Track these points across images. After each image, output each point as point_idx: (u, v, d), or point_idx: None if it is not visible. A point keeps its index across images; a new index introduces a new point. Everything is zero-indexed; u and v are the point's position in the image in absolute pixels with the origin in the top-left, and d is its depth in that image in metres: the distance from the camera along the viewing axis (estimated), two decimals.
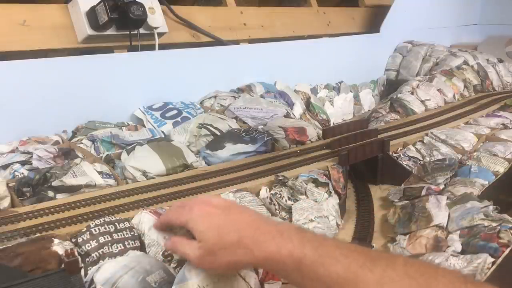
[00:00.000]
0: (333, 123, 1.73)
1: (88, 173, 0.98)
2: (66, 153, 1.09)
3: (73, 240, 0.74)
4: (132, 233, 0.77)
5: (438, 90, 1.94)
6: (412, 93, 1.87)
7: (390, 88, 2.20)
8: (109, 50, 1.47)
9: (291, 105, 1.63)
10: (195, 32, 1.70)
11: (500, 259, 0.78)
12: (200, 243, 0.59)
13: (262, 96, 1.62)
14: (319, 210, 0.97)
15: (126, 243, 0.75)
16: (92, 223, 0.76)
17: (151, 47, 1.52)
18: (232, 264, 0.57)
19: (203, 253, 0.59)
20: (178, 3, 1.69)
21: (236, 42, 1.82)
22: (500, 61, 2.43)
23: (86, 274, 0.68)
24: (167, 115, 1.41)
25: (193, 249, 0.60)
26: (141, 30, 1.47)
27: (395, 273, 0.42)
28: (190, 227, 0.61)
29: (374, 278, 0.42)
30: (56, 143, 1.18)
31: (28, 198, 0.91)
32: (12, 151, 1.11)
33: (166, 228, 0.74)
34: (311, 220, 0.93)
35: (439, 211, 0.96)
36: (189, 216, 0.62)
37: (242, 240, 0.55)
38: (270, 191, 1.00)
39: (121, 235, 0.76)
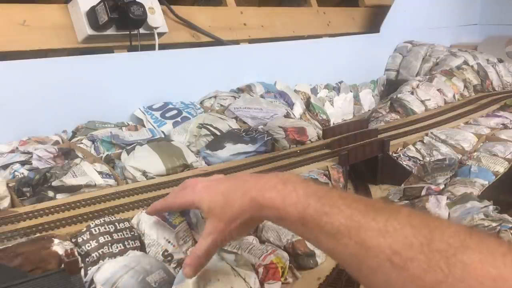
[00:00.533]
0: (333, 123, 1.73)
1: (88, 173, 0.98)
2: (66, 153, 1.09)
3: (73, 240, 0.74)
4: (132, 233, 0.77)
5: (438, 90, 1.94)
6: (412, 93, 1.87)
7: (390, 88, 2.20)
8: (109, 50, 1.47)
9: (291, 105, 1.63)
10: (195, 32, 1.70)
11: None
12: (211, 219, 0.57)
13: (262, 96, 1.62)
14: None
15: (126, 243, 0.75)
16: (92, 223, 0.76)
17: (151, 47, 1.52)
18: (244, 225, 0.56)
19: (218, 226, 0.57)
20: (178, 3, 1.69)
21: (236, 42, 1.82)
22: (500, 61, 2.43)
23: (86, 274, 0.68)
24: (167, 115, 1.41)
25: (208, 234, 0.58)
26: (141, 30, 1.47)
27: (397, 223, 0.41)
28: (197, 206, 0.60)
29: (377, 226, 0.42)
30: (56, 143, 1.18)
31: (28, 198, 0.91)
32: (12, 151, 1.11)
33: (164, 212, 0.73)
34: None
35: (439, 211, 0.96)
36: (193, 196, 0.61)
37: (246, 194, 0.54)
38: None
39: (121, 235, 0.76)
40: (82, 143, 1.19)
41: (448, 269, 0.37)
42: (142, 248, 0.77)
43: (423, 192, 1.06)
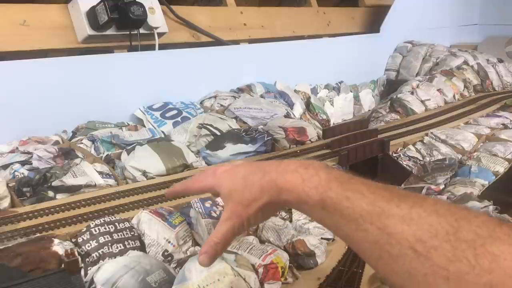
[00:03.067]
0: (333, 123, 1.73)
1: (88, 173, 0.98)
2: (66, 153, 1.09)
3: (73, 240, 0.74)
4: (132, 233, 0.77)
5: (438, 90, 1.94)
6: (412, 93, 1.87)
7: (390, 88, 2.20)
8: (109, 50, 1.47)
9: (291, 105, 1.63)
10: (195, 32, 1.70)
11: None
12: (229, 203, 0.56)
13: (262, 96, 1.62)
14: None
15: (126, 243, 0.75)
16: (92, 223, 0.76)
17: (151, 47, 1.52)
18: (263, 210, 0.54)
19: (236, 210, 0.54)
20: (178, 3, 1.69)
21: (236, 42, 1.82)
22: (500, 61, 2.43)
23: (86, 274, 0.68)
24: (167, 115, 1.41)
25: (226, 219, 0.55)
26: (141, 30, 1.47)
27: (423, 210, 0.39)
28: (217, 190, 0.58)
29: (401, 213, 0.40)
30: (56, 143, 1.18)
31: (28, 198, 0.91)
32: (12, 151, 1.11)
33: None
34: (311, 220, 0.93)
35: None
36: (214, 180, 0.59)
37: (266, 176, 0.52)
38: None
39: (121, 235, 0.76)
40: (82, 143, 1.19)
41: (475, 259, 0.35)
42: (142, 248, 0.77)
43: (423, 192, 1.06)
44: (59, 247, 0.69)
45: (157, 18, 1.50)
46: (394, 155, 1.33)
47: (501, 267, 0.34)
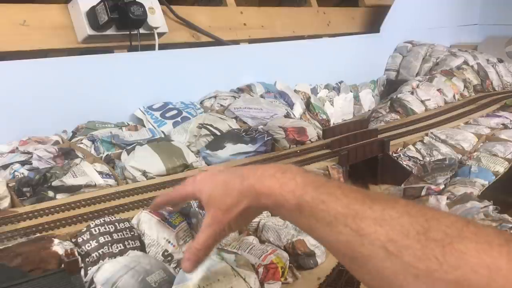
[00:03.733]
0: (333, 123, 1.73)
1: (88, 173, 0.98)
2: (66, 153, 1.09)
3: (73, 240, 0.74)
4: (132, 233, 0.77)
5: (438, 90, 1.94)
6: (412, 93, 1.87)
7: (390, 88, 2.19)
8: (109, 50, 1.47)
9: (291, 105, 1.63)
10: (195, 32, 1.70)
11: None
12: (209, 209, 0.57)
13: (262, 96, 1.62)
14: None
15: (126, 243, 0.75)
16: (92, 223, 0.76)
17: (151, 47, 1.52)
18: (243, 216, 0.55)
19: (217, 216, 0.55)
20: (178, 3, 1.69)
21: (236, 42, 1.82)
22: (500, 61, 2.42)
23: (86, 274, 0.68)
24: (167, 115, 1.41)
25: (207, 226, 0.56)
26: (141, 30, 1.47)
27: (395, 211, 0.41)
28: (197, 197, 0.59)
29: (374, 215, 0.42)
30: (56, 143, 1.18)
31: (28, 198, 0.91)
32: (12, 151, 1.11)
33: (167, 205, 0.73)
34: None
35: None
36: (193, 187, 0.60)
37: (244, 182, 0.53)
38: None
39: (121, 235, 0.76)
40: (82, 143, 1.19)
41: (443, 257, 0.37)
42: (142, 248, 0.77)
43: (423, 192, 1.06)
44: (59, 247, 0.69)
45: (157, 18, 1.50)
46: (394, 155, 1.33)
47: (467, 264, 0.36)
